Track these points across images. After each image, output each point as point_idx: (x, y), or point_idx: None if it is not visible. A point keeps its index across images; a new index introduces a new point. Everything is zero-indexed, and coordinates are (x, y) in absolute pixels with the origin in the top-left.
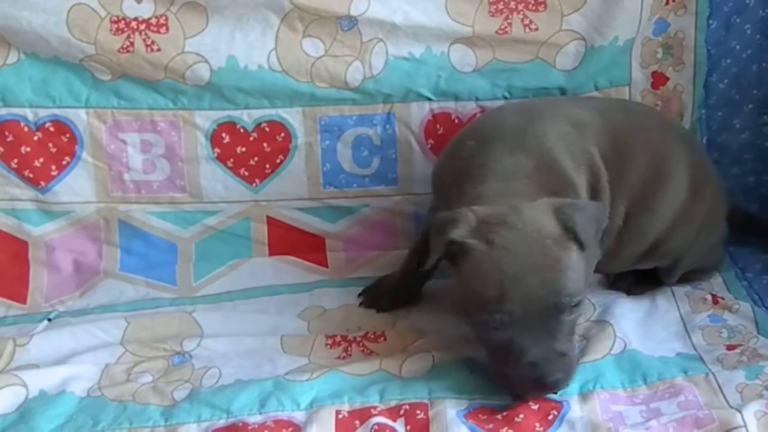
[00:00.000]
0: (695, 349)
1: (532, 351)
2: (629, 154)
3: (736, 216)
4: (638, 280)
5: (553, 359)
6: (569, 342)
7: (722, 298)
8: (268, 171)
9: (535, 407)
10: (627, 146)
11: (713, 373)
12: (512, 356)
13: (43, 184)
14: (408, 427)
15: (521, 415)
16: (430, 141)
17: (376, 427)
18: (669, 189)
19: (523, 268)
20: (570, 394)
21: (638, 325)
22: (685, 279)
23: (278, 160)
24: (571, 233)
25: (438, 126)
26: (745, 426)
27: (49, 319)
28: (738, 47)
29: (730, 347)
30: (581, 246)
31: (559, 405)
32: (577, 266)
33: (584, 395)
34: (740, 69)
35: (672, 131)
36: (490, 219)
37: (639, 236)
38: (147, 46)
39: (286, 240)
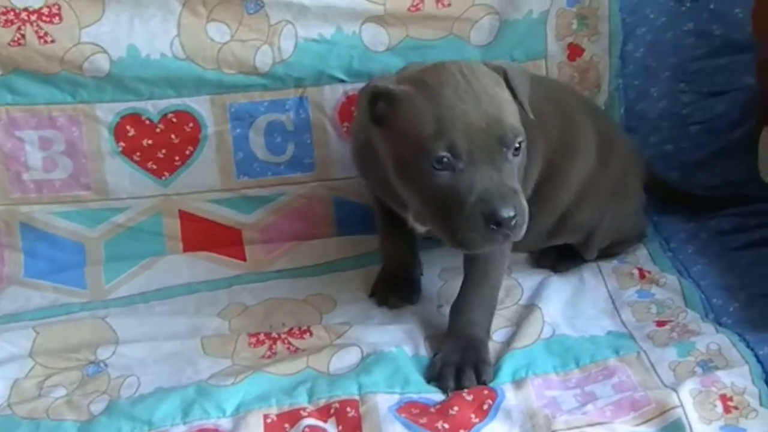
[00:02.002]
0: (625, 326)
1: (481, 185)
2: (542, 124)
3: (655, 185)
4: (562, 256)
5: (505, 194)
6: (518, 184)
7: (649, 272)
8: (177, 163)
9: (469, 398)
10: (541, 116)
11: (645, 352)
12: (460, 198)
13: None
14: (340, 427)
15: (455, 408)
16: (346, 124)
17: (306, 429)
18: (577, 160)
19: (461, 99)
20: (503, 382)
21: (567, 306)
22: (608, 253)
23: (188, 152)
24: (503, 78)
25: (352, 108)
26: (682, 405)
27: None
28: (652, 15)
29: (660, 323)
30: (514, 97)
31: (493, 394)
32: (515, 109)
33: (517, 382)
34: (655, 37)
35: (579, 103)
36: (416, 73)
37: (548, 207)
38: (40, 37)
39: (201, 234)
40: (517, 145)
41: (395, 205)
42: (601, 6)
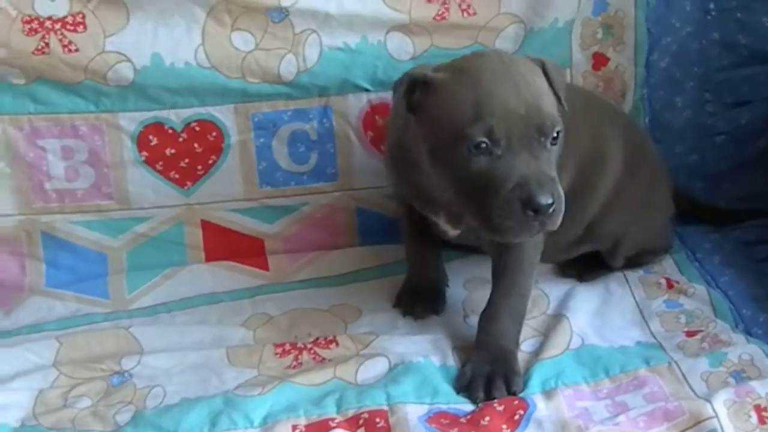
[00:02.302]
0: (654, 336)
1: (519, 172)
2: (575, 133)
3: (678, 199)
4: (587, 266)
5: (543, 181)
6: (555, 173)
7: (677, 282)
8: (200, 172)
9: (500, 408)
10: (573, 126)
11: (676, 362)
12: (497, 184)
13: None
14: None
15: (487, 418)
16: (369, 133)
17: None
18: (606, 170)
19: (500, 85)
20: (533, 393)
21: (594, 316)
22: (635, 263)
23: (210, 161)
24: (541, 69)
25: (377, 117)
26: (717, 416)
27: None
28: (678, 25)
29: (689, 333)
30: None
31: (524, 404)
32: (551, 99)
33: (547, 393)
34: (681, 47)
35: (610, 112)
36: (453, 61)
37: (576, 216)
38: (64, 46)
39: (223, 244)
40: (555, 135)
41: (426, 208)
42: (626, 15)
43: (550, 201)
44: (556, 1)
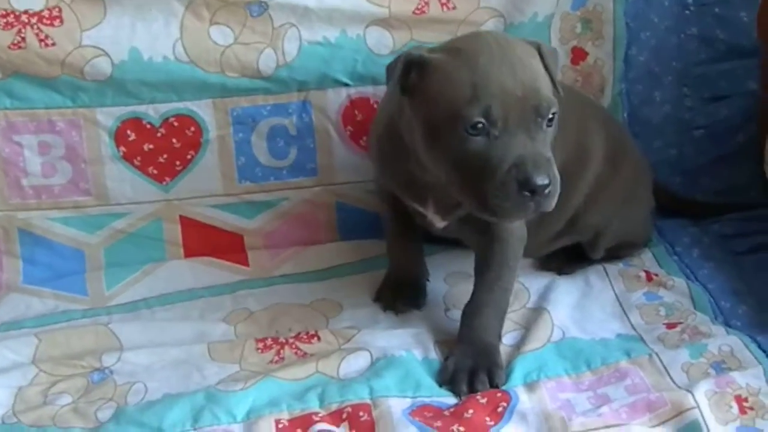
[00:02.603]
0: (635, 329)
1: (516, 152)
2: (561, 128)
3: (657, 193)
4: (567, 259)
5: (539, 162)
6: (551, 154)
7: (656, 275)
8: (178, 168)
9: (483, 401)
10: (560, 120)
11: (656, 354)
12: (493, 164)
13: None
14: (353, 431)
15: (470, 411)
16: (349, 128)
17: None
18: (589, 165)
19: (497, 66)
20: (515, 385)
21: (575, 309)
22: (614, 255)
23: (189, 156)
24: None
25: (356, 112)
26: (698, 406)
27: None
28: (657, 19)
29: (669, 325)
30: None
31: (506, 396)
32: (547, 81)
33: (530, 385)
34: (659, 41)
35: (590, 107)
36: (449, 42)
37: (559, 211)
38: (40, 40)
39: (203, 240)
40: (551, 116)
41: (414, 199)
42: (605, 10)
43: (546, 182)
44: None
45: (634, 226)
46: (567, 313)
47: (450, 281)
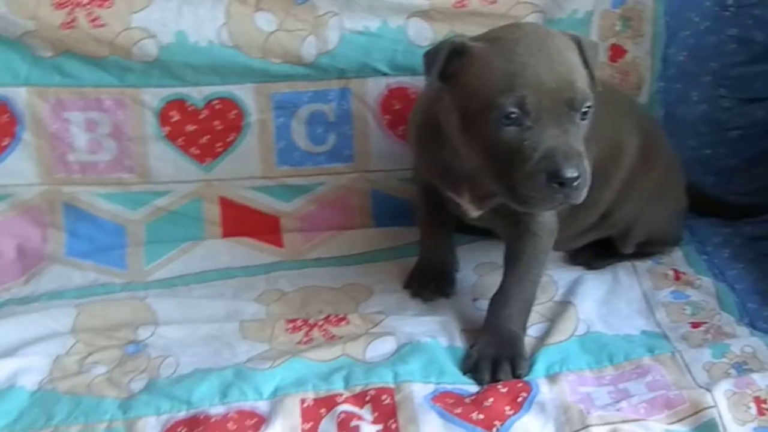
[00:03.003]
0: (659, 326)
1: (547, 143)
2: (596, 124)
3: (690, 192)
4: (597, 254)
5: (570, 154)
6: (583, 148)
7: (684, 273)
8: (219, 149)
9: (504, 390)
10: (596, 116)
11: (679, 352)
12: (524, 155)
13: None
14: (375, 414)
15: (490, 399)
16: (387, 117)
17: (342, 415)
18: (622, 160)
19: (534, 57)
20: (537, 377)
21: (601, 304)
22: (645, 252)
23: (230, 139)
24: (576, 45)
25: (394, 101)
26: (716, 405)
27: None
28: (696, 19)
29: (694, 324)
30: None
31: (527, 387)
32: (584, 75)
33: (551, 377)
34: (698, 41)
35: (626, 104)
36: (490, 31)
37: (592, 206)
38: (91, 21)
39: (240, 220)
40: (585, 110)
41: (450, 187)
42: (645, 8)
43: (575, 174)
44: None
45: (664, 222)
46: (593, 307)
47: (480, 271)
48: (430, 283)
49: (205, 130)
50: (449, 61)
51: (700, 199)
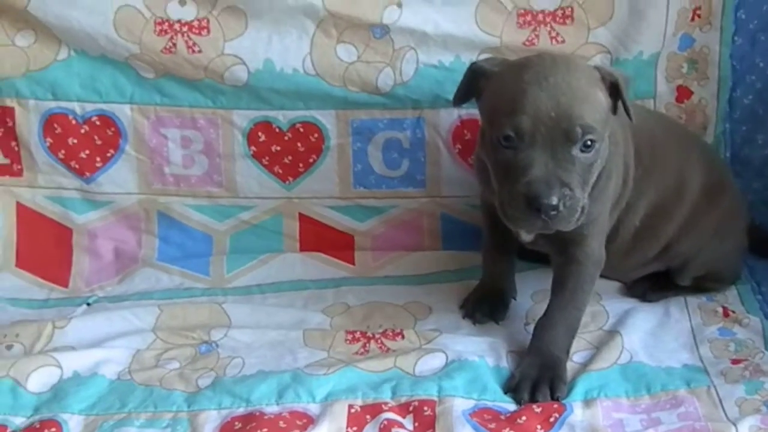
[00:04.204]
0: (701, 360)
1: (533, 171)
2: (661, 159)
3: (752, 233)
4: (653, 286)
5: (552, 183)
6: (579, 183)
7: (733, 312)
8: (301, 170)
9: (538, 410)
10: (660, 151)
11: (715, 386)
12: (514, 177)
13: (88, 174)
14: (416, 424)
15: (523, 417)
16: (458, 146)
17: (385, 422)
18: (685, 197)
19: (538, 84)
20: (574, 400)
21: (648, 336)
22: (701, 286)
23: (311, 160)
24: (607, 82)
25: (465, 131)
26: None
27: (88, 304)
28: (762, 64)
29: (735, 361)
30: (614, 101)
31: (561, 408)
32: (599, 108)
33: (588, 402)
34: (765, 85)
35: (693, 141)
36: (513, 60)
37: (653, 239)
38: (189, 47)
39: (317, 237)
40: (588, 143)
41: None
42: (711, 52)
43: (553, 203)
44: (643, 34)
45: (723, 259)
46: (640, 338)
47: (535, 298)
48: (483, 306)
49: (288, 151)
50: (475, 81)
51: (761, 241)
